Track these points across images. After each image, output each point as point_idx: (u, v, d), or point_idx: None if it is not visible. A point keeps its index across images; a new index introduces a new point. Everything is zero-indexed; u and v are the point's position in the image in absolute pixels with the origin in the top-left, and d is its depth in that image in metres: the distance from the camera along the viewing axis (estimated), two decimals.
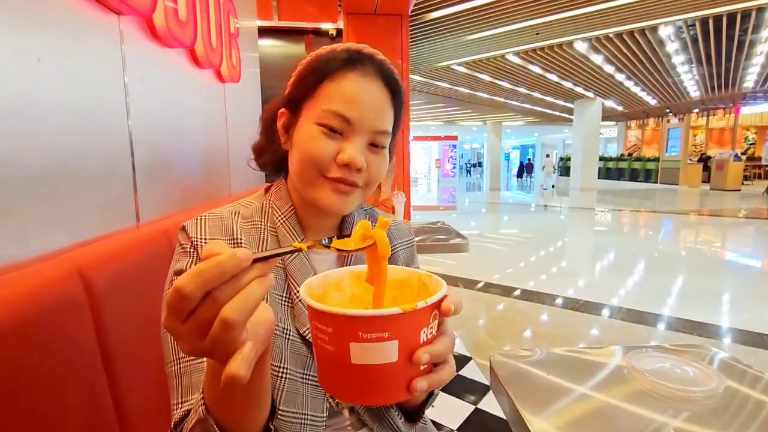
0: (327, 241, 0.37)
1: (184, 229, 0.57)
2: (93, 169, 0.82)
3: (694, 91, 13.11)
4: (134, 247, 0.84)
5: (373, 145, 0.57)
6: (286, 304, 0.56)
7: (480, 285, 4.00)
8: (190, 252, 0.55)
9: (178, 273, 0.54)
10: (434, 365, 0.37)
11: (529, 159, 24.24)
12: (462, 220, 8.50)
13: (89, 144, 0.81)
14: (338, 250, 0.37)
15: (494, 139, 20.08)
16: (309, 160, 0.55)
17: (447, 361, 0.38)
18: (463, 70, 9.64)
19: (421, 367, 0.33)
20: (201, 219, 0.58)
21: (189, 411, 0.45)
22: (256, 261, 0.30)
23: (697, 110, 17.13)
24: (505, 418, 0.65)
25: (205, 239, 0.55)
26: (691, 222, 8.30)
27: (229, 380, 0.30)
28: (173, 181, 1.20)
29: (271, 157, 0.64)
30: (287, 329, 0.55)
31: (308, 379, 0.55)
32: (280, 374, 0.54)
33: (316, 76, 0.56)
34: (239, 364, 0.30)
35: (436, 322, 0.34)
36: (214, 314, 0.29)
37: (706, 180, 15.43)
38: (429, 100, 13.87)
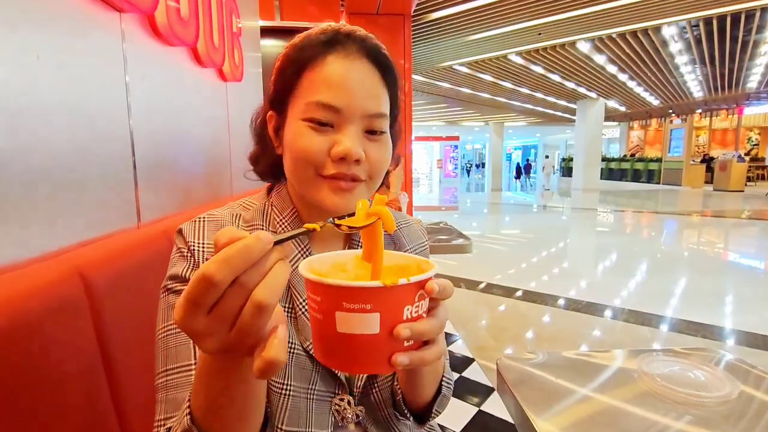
0: (332, 220, 0.38)
1: (180, 232, 0.53)
2: (93, 169, 0.82)
3: (697, 91, 13.07)
4: (135, 248, 0.83)
5: (371, 132, 0.52)
6: (289, 315, 0.53)
7: (482, 286, 3.98)
8: (187, 256, 0.51)
9: (174, 278, 0.51)
10: (424, 344, 0.37)
11: (527, 160, 24.47)
12: (464, 221, 8.48)
13: (90, 143, 0.80)
14: (349, 228, 0.38)
15: (496, 139, 20.06)
16: (301, 161, 0.50)
17: (435, 342, 0.37)
18: (465, 70, 9.63)
19: (405, 344, 0.34)
20: (199, 222, 0.54)
21: (170, 429, 0.41)
22: (275, 243, 0.30)
23: (700, 111, 17.08)
24: (510, 421, 0.63)
25: (203, 243, 0.52)
26: (694, 223, 8.27)
27: (268, 367, 0.29)
28: (175, 180, 1.19)
29: (268, 164, 0.60)
30: (291, 343, 0.52)
31: (312, 394, 0.52)
32: (283, 392, 0.50)
33: (294, 68, 0.51)
34: (278, 349, 0.29)
35: (423, 302, 0.35)
36: (243, 301, 0.28)
37: (709, 181, 15.37)
38: (431, 100, 13.86)
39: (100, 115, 0.84)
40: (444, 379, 0.58)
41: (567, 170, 21.85)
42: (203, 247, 0.52)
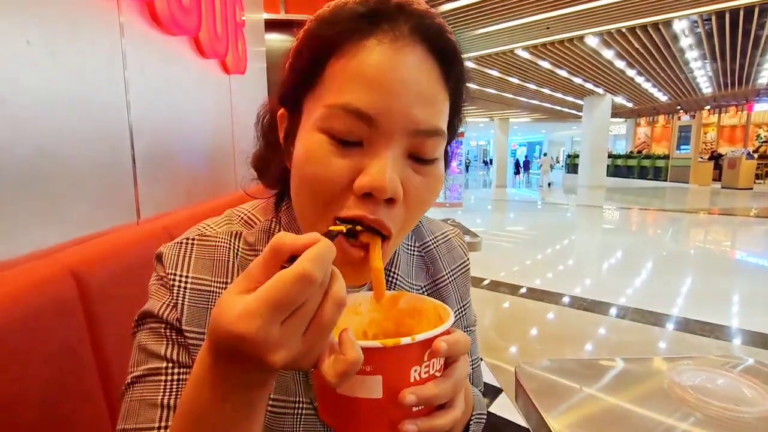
0: (347, 229, 0.34)
1: (160, 258, 0.42)
2: (89, 162, 0.78)
3: (706, 87, 12.89)
4: (134, 245, 0.79)
5: (418, 159, 0.36)
6: None
7: (486, 282, 3.94)
8: (168, 286, 0.41)
9: (149, 315, 0.41)
10: (439, 407, 0.32)
11: (526, 157, 26.07)
12: (468, 218, 8.43)
13: (84, 135, 0.76)
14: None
15: (501, 136, 19.93)
16: (310, 192, 0.36)
17: (452, 405, 0.32)
18: (471, 65, 9.54)
19: (414, 409, 0.30)
20: (185, 246, 0.42)
21: None
22: None
23: (708, 107, 16.87)
24: (518, 423, 0.58)
25: (187, 277, 0.41)
26: (703, 221, 8.17)
27: (351, 367, 0.27)
28: (176, 175, 1.16)
29: (279, 171, 0.44)
30: (298, 402, 0.42)
31: None
32: None
33: (316, 51, 0.36)
34: (354, 347, 0.27)
35: (435, 361, 0.31)
36: (318, 303, 0.26)
37: (717, 178, 15.19)
38: None
39: (96, 104, 0.80)
40: (474, 416, 0.50)
41: (572, 167, 21.73)
42: (186, 282, 0.40)
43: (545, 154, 20.62)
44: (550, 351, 2.69)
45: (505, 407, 1.96)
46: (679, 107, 16.83)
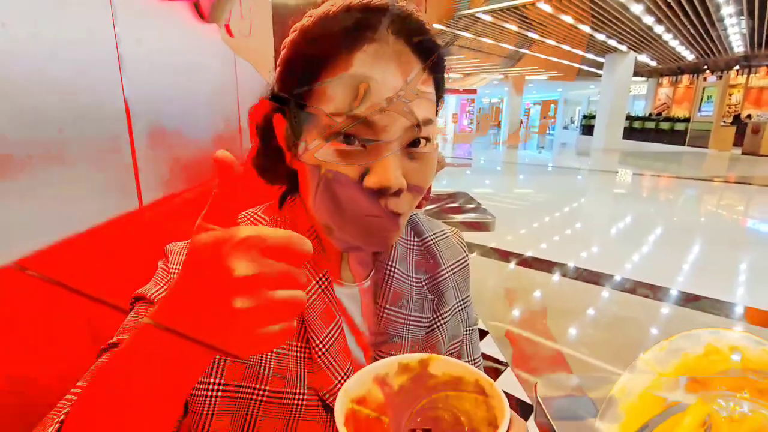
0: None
1: (167, 255, 0.45)
2: (79, 143, 0.71)
3: (738, 46, 12.12)
4: (135, 232, 0.75)
5: (413, 145, 0.41)
6: (300, 355, 0.43)
7: (490, 247, 3.92)
8: (168, 279, 0.43)
9: (141, 298, 0.43)
10: None
11: (521, 121, 29.93)
12: (475, 179, 8.30)
13: (73, 113, 0.70)
14: None
15: (515, 94, 19.20)
16: (329, 195, 0.40)
17: None
18: (488, 18, 8.99)
19: None
20: None
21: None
22: None
23: (737, 67, 15.95)
24: (525, 400, 0.55)
25: None
26: (719, 189, 7.97)
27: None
28: (179, 153, 1.09)
29: (281, 171, 0.48)
30: (300, 393, 0.42)
31: None
32: None
33: (308, 69, 0.40)
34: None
35: None
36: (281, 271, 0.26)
37: (740, 143, 14.59)
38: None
39: (86, 78, 0.73)
40: None
41: (587, 128, 20.99)
42: None
43: (545, 118, 23.42)
44: (549, 321, 2.69)
45: (509, 383, 1.98)
46: (705, 67, 15.93)
